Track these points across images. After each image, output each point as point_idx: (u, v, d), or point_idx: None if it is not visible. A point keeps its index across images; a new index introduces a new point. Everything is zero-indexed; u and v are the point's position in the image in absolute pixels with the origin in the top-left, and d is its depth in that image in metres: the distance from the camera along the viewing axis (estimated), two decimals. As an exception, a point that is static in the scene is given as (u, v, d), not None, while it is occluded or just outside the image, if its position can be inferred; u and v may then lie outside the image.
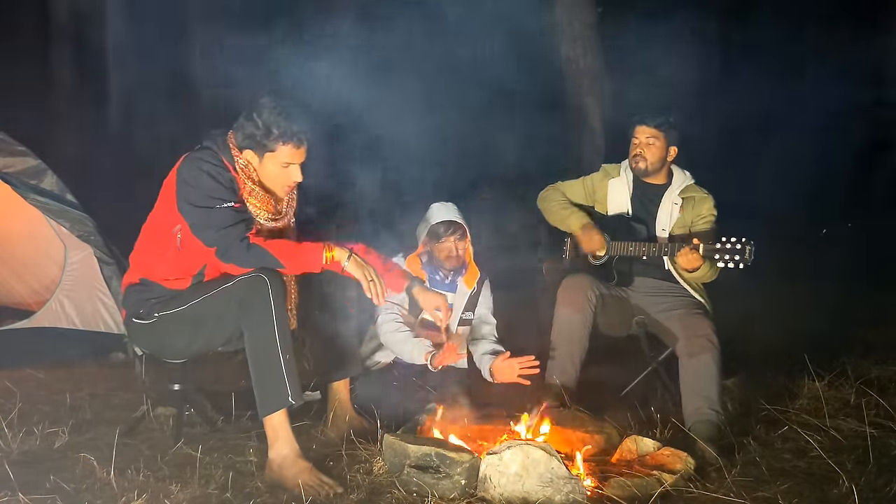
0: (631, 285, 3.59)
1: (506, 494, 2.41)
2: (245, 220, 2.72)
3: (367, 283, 2.75)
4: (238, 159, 2.79)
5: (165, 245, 2.79)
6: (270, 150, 2.76)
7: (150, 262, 2.84)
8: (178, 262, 2.79)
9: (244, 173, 2.79)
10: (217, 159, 2.76)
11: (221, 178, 2.72)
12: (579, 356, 3.39)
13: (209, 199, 2.68)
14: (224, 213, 2.68)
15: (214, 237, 2.67)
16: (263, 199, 2.82)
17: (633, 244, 3.50)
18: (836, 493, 2.55)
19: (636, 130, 3.58)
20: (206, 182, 2.70)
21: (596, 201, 3.73)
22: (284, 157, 2.77)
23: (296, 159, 2.80)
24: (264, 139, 2.74)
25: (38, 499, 2.33)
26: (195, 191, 2.70)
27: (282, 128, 2.73)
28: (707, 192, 3.62)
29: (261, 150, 2.77)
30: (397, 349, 3.39)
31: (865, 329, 5.01)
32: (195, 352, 2.92)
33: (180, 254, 2.77)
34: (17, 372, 3.87)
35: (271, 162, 2.78)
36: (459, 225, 3.50)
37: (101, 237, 4.39)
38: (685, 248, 3.31)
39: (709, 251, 3.27)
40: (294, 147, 2.77)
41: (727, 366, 3.32)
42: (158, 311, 2.80)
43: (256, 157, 2.79)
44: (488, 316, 3.67)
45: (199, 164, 2.73)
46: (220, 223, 2.67)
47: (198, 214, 2.69)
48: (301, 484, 2.46)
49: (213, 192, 2.69)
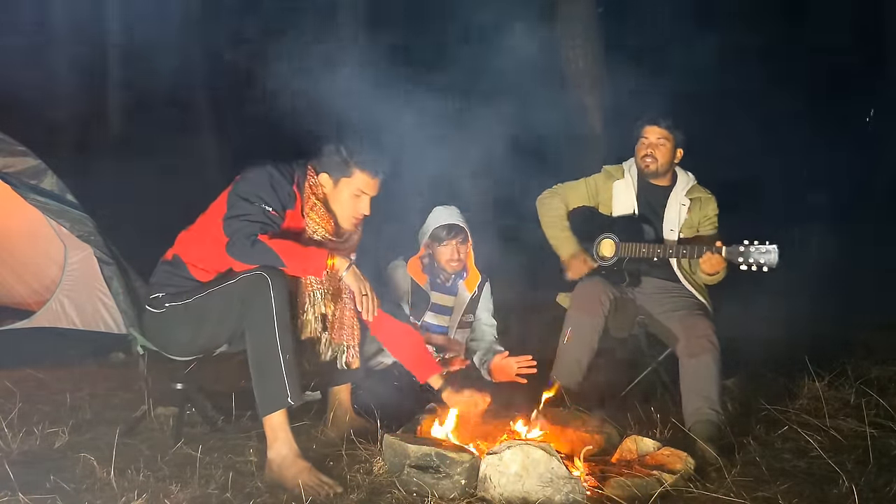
0: (639, 286, 3.59)
1: (506, 494, 2.41)
2: (266, 224, 2.74)
3: (361, 296, 2.78)
4: (310, 179, 2.87)
5: (212, 232, 2.82)
6: (346, 176, 2.87)
7: (191, 241, 2.89)
8: (212, 254, 2.81)
9: (311, 190, 2.87)
10: (287, 172, 2.84)
11: (279, 186, 2.79)
12: (587, 360, 3.38)
13: (254, 196, 2.74)
14: (256, 209, 2.72)
15: (231, 226, 2.71)
16: (324, 217, 2.88)
17: (644, 246, 3.47)
18: (836, 493, 2.55)
19: (646, 131, 3.56)
20: (263, 181, 2.77)
21: (599, 203, 3.70)
22: (359, 184, 2.88)
23: (369, 190, 2.90)
24: (344, 164, 2.86)
25: (38, 499, 2.33)
26: (249, 185, 2.77)
27: (363, 155, 2.86)
28: (710, 193, 3.62)
29: (337, 175, 2.87)
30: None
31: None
32: (198, 348, 2.93)
33: (217, 247, 2.78)
34: (17, 372, 3.88)
35: (346, 188, 2.88)
36: (462, 229, 3.49)
37: (101, 237, 4.39)
38: (707, 253, 3.29)
39: (732, 254, 3.25)
40: (370, 176, 2.87)
41: (727, 366, 3.32)
42: (169, 301, 2.82)
43: (331, 182, 2.89)
44: (489, 318, 3.67)
45: (268, 167, 2.82)
46: (244, 215, 2.71)
47: (236, 204, 2.75)
48: (301, 484, 2.46)
49: (262, 191, 2.76)
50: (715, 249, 3.27)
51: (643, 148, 3.56)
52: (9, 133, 4.37)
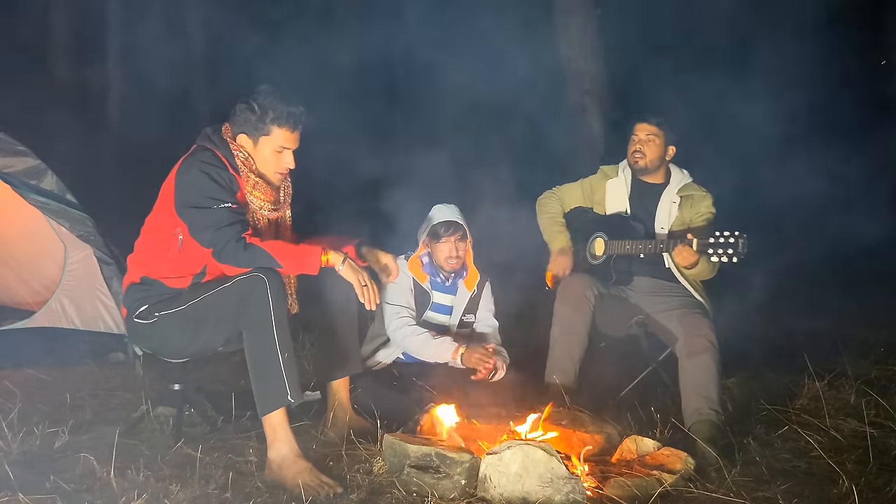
0: (630, 284, 3.59)
1: (506, 494, 2.41)
2: (241, 221, 2.72)
3: (360, 287, 2.78)
4: (237, 153, 2.82)
5: (166, 247, 2.79)
6: (265, 134, 2.81)
7: (150, 262, 2.85)
8: (180, 263, 2.79)
9: (245, 165, 2.82)
10: (216, 158, 2.78)
11: (220, 178, 2.74)
12: (578, 355, 3.39)
13: (206, 200, 2.69)
14: (220, 213, 2.69)
15: (211, 237, 2.68)
16: (266, 192, 2.86)
17: (629, 243, 3.50)
18: (836, 493, 2.55)
19: (636, 128, 3.60)
20: (204, 182, 2.71)
21: (595, 203, 3.74)
22: (279, 140, 2.82)
23: (290, 144, 2.84)
24: (260, 122, 2.79)
25: (38, 499, 2.33)
26: (193, 192, 2.71)
27: (278, 111, 2.79)
28: (706, 191, 3.63)
29: (256, 134, 2.81)
30: (418, 352, 3.38)
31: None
32: (195, 351, 2.92)
33: (181, 255, 2.77)
34: (17, 372, 3.87)
35: (266, 146, 2.82)
36: (460, 226, 3.49)
37: (101, 237, 4.39)
38: (679, 245, 3.31)
39: (702, 246, 3.26)
40: (289, 131, 2.82)
41: (727, 366, 3.32)
42: (159, 310, 2.79)
43: (251, 142, 2.83)
44: (489, 318, 3.67)
45: (198, 164, 2.74)
46: (217, 223, 2.67)
47: (195, 215, 2.70)
48: (301, 484, 2.46)
49: (211, 193, 2.70)
50: (686, 242, 3.29)
51: (633, 144, 3.61)
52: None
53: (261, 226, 2.87)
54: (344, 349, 3.07)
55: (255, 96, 2.80)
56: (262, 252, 2.67)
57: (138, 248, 2.91)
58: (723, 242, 3.20)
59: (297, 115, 2.82)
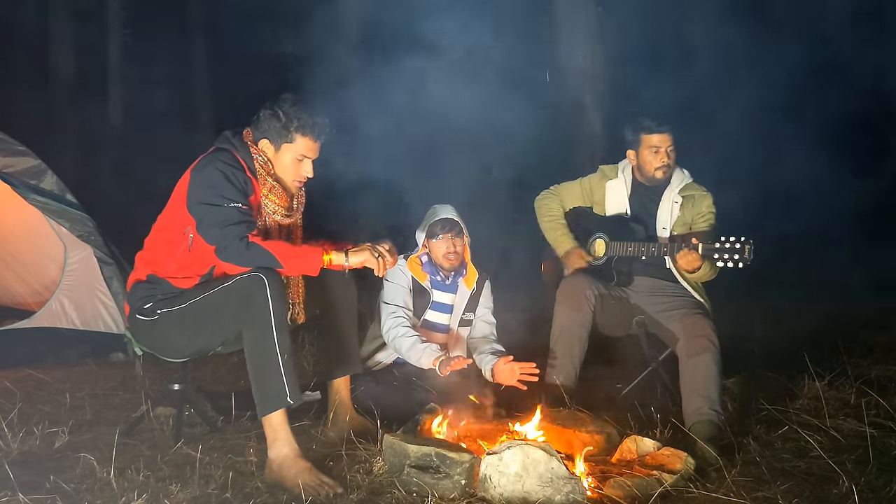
0: (630, 285, 3.59)
1: (506, 494, 2.41)
2: (248, 222, 2.73)
3: (376, 261, 2.79)
4: (256, 156, 2.85)
5: (176, 245, 2.80)
6: (289, 141, 2.85)
7: (159, 260, 2.86)
8: (188, 263, 2.80)
9: (263, 169, 2.85)
10: (233, 160, 2.80)
11: (235, 178, 2.76)
12: (579, 356, 3.39)
13: (218, 197, 2.72)
14: (230, 211, 2.70)
15: (216, 234, 2.69)
16: (281, 197, 2.88)
17: (632, 244, 3.50)
18: (836, 493, 2.54)
19: (660, 139, 3.52)
20: (219, 181, 2.73)
21: (594, 203, 3.73)
22: (301, 148, 2.86)
23: (311, 153, 2.89)
24: (284, 129, 2.84)
25: (38, 499, 2.34)
26: (206, 189, 2.73)
27: (303, 119, 2.83)
28: (706, 190, 3.62)
29: (279, 141, 2.85)
30: (405, 354, 3.39)
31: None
32: (195, 351, 2.92)
33: (190, 255, 2.78)
34: (17, 372, 3.88)
35: (287, 153, 2.86)
36: (456, 223, 3.51)
37: (101, 237, 4.39)
38: (684, 249, 3.31)
39: (708, 251, 3.25)
40: (312, 140, 2.86)
41: (727, 366, 3.32)
42: (161, 308, 2.80)
43: (272, 148, 2.86)
44: (488, 316, 3.67)
45: (215, 163, 2.77)
46: (224, 221, 2.69)
47: (205, 211, 2.72)
48: (301, 484, 2.46)
49: (224, 191, 2.73)
50: (691, 246, 3.28)
51: (659, 157, 3.53)
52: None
53: (272, 230, 2.89)
54: (344, 349, 3.08)
55: (280, 104, 2.85)
56: (263, 251, 2.67)
57: (148, 245, 2.92)
58: (728, 248, 3.19)
59: (321, 126, 2.87)
